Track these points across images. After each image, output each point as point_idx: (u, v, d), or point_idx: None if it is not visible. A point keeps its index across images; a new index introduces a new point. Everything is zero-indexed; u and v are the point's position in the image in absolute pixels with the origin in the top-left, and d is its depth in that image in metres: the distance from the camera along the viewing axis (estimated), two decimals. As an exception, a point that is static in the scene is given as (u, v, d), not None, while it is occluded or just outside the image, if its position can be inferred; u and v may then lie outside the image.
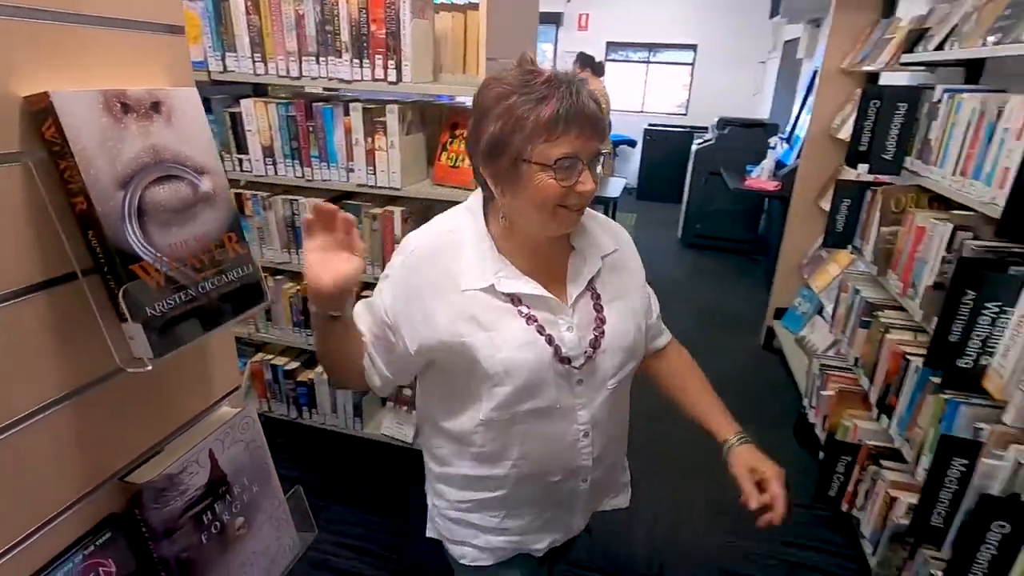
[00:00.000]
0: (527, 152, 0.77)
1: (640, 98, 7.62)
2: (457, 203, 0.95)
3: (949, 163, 1.57)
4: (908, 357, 1.61)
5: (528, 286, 0.85)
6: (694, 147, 5.36)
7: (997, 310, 1.22)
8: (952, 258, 1.43)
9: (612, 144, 4.79)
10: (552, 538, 1.01)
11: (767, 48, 6.71)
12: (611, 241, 0.96)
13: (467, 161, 1.72)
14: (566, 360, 0.85)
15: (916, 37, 2.12)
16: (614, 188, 4.14)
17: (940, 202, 1.76)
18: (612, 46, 7.42)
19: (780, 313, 3.24)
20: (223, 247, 0.56)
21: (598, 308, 0.90)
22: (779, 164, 4.13)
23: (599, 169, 0.81)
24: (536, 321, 0.85)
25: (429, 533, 1.05)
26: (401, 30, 1.57)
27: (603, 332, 0.89)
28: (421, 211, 1.92)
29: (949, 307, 1.30)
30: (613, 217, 4.09)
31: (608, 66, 4.72)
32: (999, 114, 1.36)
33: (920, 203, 1.82)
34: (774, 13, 5.02)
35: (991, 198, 1.33)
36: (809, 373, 2.42)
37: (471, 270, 0.84)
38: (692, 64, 7.31)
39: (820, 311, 2.92)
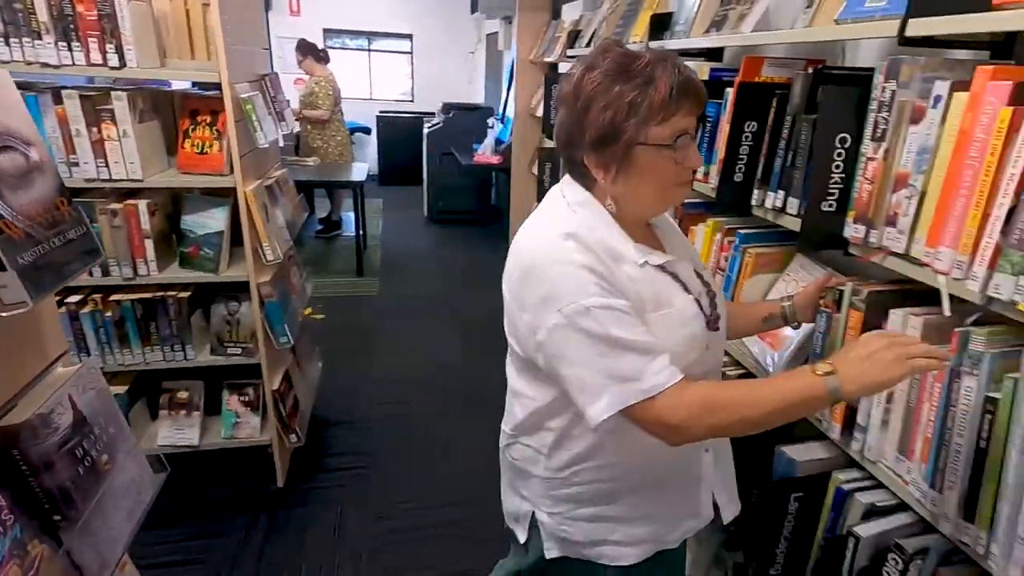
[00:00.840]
0: (642, 135, 0.77)
1: (367, 85, 7.79)
2: (212, 190, 1.03)
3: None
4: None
5: (672, 260, 0.86)
6: (425, 130, 5.81)
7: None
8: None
9: (349, 132, 4.90)
10: (685, 526, 0.97)
11: (473, 40, 7.53)
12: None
13: (216, 147, 1.74)
14: (714, 326, 0.89)
15: (575, 35, 2.81)
16: (358, 173, 4.31)
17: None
18: (329, 33, 7.38)
19: (518, 265, 3.90)
20: (59, 210, 0.63)
21: (698, 274, 0.92)
22: (499, 141, 4.83)
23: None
24: (690, 292, 0.87)
25: (550, 554, 0.96)
26: (118, 12, 1.50)
27: (714, 294, 0.93)
28: (168, 201, 1.85)
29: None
30: (362, 203, 4.29)
31: (331, 53, 4.78)
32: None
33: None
34: (474, 9, 5.71)
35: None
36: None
37: (628, 250, 0.82)
38: (411, 53, 7.75)
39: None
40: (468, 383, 2.86)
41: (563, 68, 3.34)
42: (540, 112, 3.35)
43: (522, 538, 1.00)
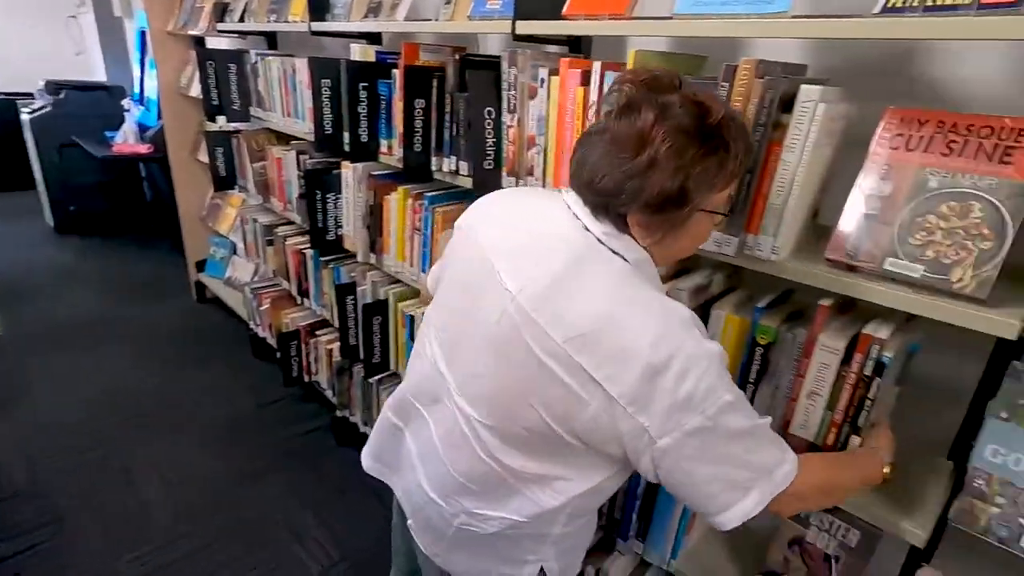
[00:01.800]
0: (706, 203, 0.73)
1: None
2: None
3: (278, 108, 2.17)
4: (303, 252, 2.24)
5: None
6: (25, 116, 4.50)
7: (335, 198, 1.92)
8: (303, 174, 2.06)
9: None
10: None
11: (74, 3, 6.03)
12: None
13: None
14: None
15: (222, 9, 2.60)
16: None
17: (283, 137, 2.39)
18: None
19: (202, 265, 3.48)
20: None
21: None
22: (143, 127, 4.10)
23: None
24: None
25: None
26: None
27: None
28: None
29: (311, 206, 1.93)
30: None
31: None
32: (294, 71, 2.00)
33: (272, 140, 2.41)
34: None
35: (308, 129, 1.98)
36: (246, 302, 2.84)
37: None
38: (-29, 13, 5.75)
39: (235, 251, 3.34)
40: (157, 400, 2.52)
41: (215, 43, 3.04)
42: (195, 92, 3.01)
43: None
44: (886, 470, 0.86)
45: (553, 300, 0.72)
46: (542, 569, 0.87)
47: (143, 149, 3.96)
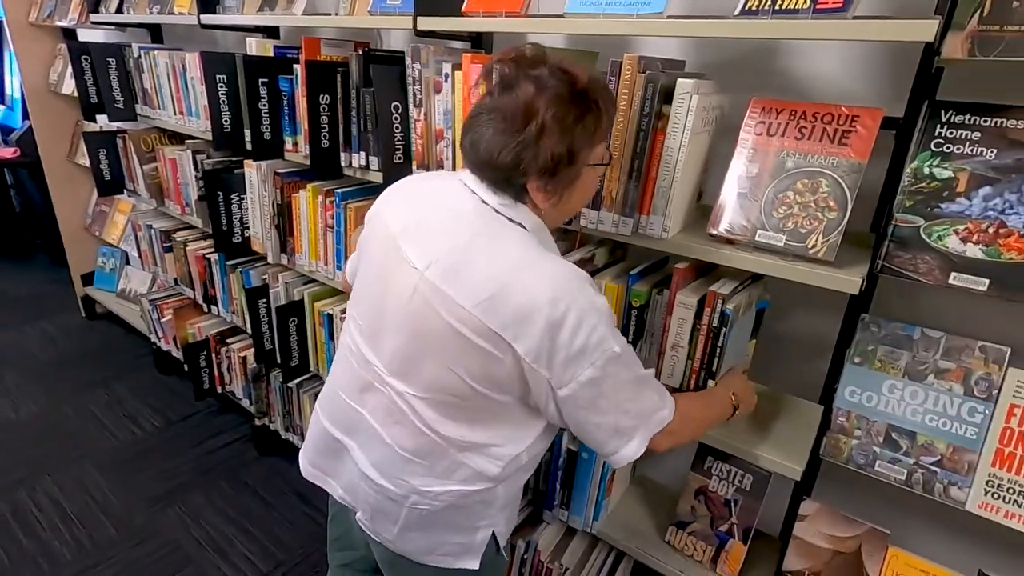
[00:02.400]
0: (592, 158, 0.81)
1: None
2: None
3: (168, 106, 2.04)
4: (208, 257, 2.13)
5: None
6: None
7: (239, 199, 1.84)
8: (202, 174, 1.96)
9: None
10: None
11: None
12: None
13: None
14: None
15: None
16: None
17: (176, 137, 2.25)
18: None
19: (89, 279, 3.19)
20: None
21: None
22: (6, 129, 3.68)
23: None
24: None
25: (478, 562, 0.92)
26: None
27: None
28: None
29: (214, 208, 1.84)
30: None
31: None
32: (184, 66, 1.89)
33: (163, 140, 2.26)
34: None
35: (205, 128, 1.89)
36: (145, 314, 2.65)
37: None
38: None
39: (127, 260, 3.10)
40: (48, 432, 2.31)
41: (89, 35, 2.79)
42: (68, 89, 2.75)
43: (475, 564, 0.92)
44: (736, 404, 1.00)
45: (459, 271, 0.77)
46: (493, 533, 0.92)
47: (8, 154, 3.56)
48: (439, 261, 0.78)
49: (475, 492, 0.87)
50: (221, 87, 1.64)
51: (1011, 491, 0.88)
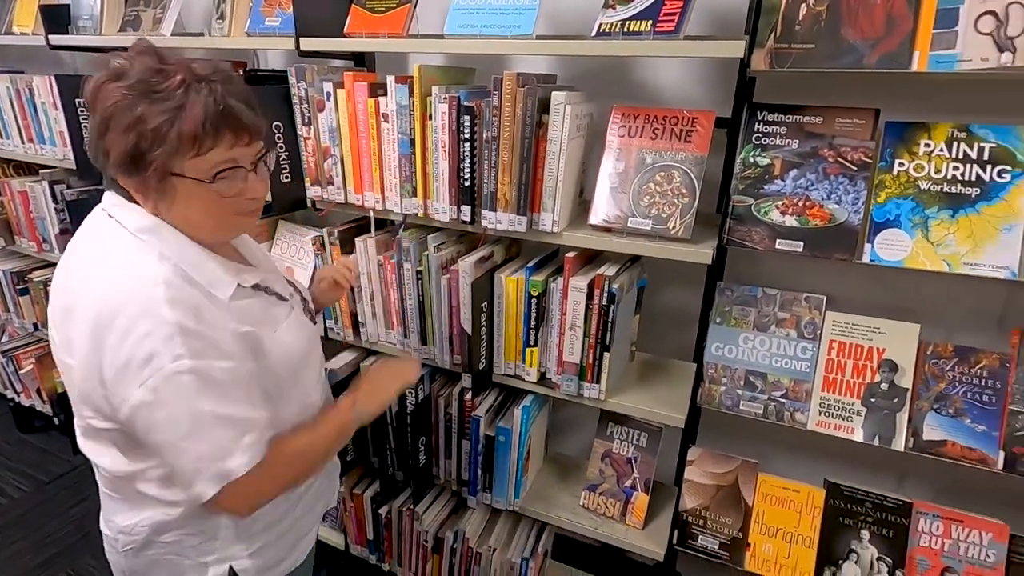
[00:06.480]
0: (177, 167, 0.68)
1: None
2: None
3: (15, 135, 1.86)
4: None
5: (264, 276, 0.83)
6: None
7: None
8: (62, 206, 1.81)
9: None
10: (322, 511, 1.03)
11: None
12: None
13: None
14: (313, 320, 0.95)
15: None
16: None
17: (25, 168, 2.04)
18: None
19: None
20: None
21: (286, 279, 0.94)
22: None
23: (267, 166, 0.78)
24: (286, 300, 0.86)
25: None
26: None
27: (301, 291, 0.97)
28: None
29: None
30: None
31: None
32: (31, 90, 1.74)
33: (9, 172, 2.04)
34: None
35: (63, 155, 1.75)
36: (-5, 368, 2.35)
37: (219, 274, 0.75)
38: None
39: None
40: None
41: None
42: None
43: None
44: (346, 407, 0.88)
45: (61, 296, 0.74)
46: (231, 569, 0.84)
47: None
48: (56, 295, 0.75)
49: (171, 523, 0.80)
50: (82, 112, 1.54)
51: (838, 408, 1.10)
